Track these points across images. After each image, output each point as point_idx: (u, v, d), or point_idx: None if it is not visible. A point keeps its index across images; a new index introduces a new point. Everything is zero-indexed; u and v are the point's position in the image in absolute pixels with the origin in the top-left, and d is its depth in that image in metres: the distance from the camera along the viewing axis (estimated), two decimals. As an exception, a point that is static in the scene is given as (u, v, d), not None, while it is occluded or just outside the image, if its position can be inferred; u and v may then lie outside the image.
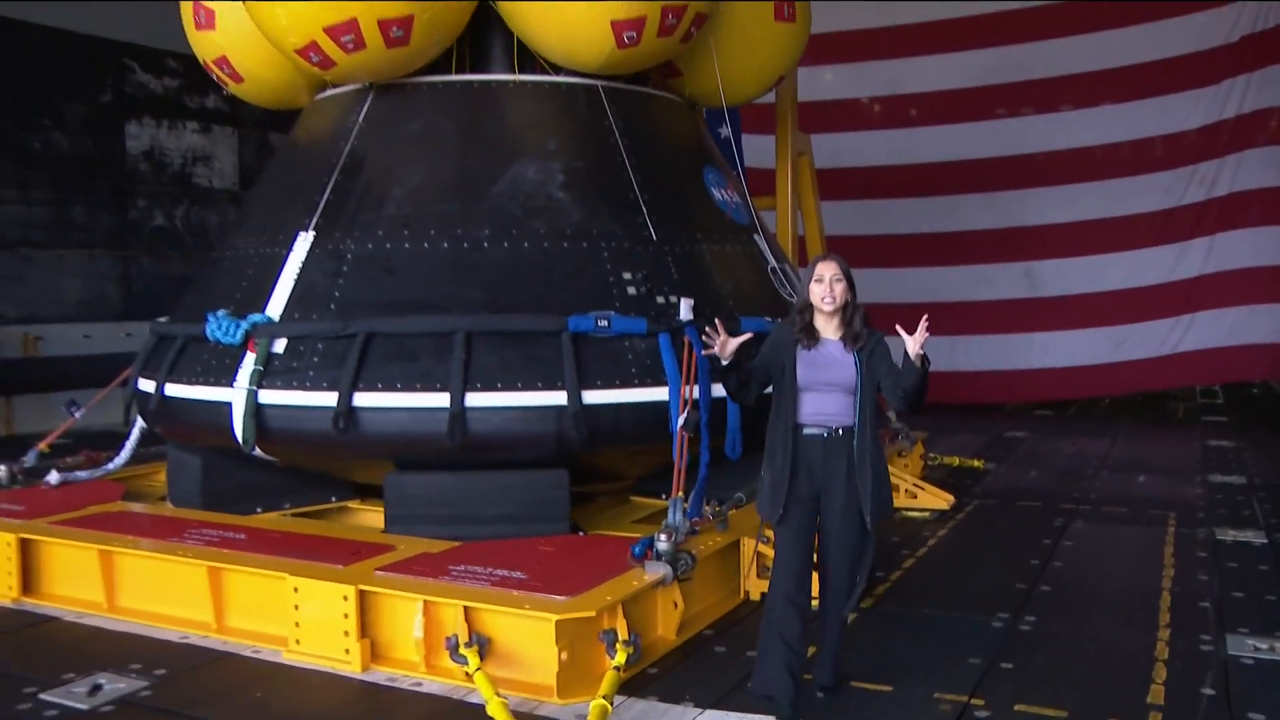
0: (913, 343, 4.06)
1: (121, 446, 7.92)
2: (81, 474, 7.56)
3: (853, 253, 13.13)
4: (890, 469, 7.87)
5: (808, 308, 4.31)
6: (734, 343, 4.22)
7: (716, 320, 4.49)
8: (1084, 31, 14.08)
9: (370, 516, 6.94)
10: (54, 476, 7.33)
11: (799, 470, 4.24)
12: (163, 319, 7.53)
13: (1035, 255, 14.47)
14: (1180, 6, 13.70)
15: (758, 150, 12.04)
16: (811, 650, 4.40)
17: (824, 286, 4.24)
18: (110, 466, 7.79)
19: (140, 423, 7.67)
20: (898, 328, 4.28)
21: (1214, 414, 14.50)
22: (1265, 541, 7.04)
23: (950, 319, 14.61)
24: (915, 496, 8.10)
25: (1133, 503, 8.36)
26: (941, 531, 7.43)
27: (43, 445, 7.89)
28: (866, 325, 4.28)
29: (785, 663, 4.12)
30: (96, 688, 4.64)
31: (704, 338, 4.30)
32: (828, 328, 4.29)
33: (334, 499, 7.07)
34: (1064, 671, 4.66)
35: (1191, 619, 5.39)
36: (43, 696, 4.53)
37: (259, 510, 6.71)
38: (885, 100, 15.31)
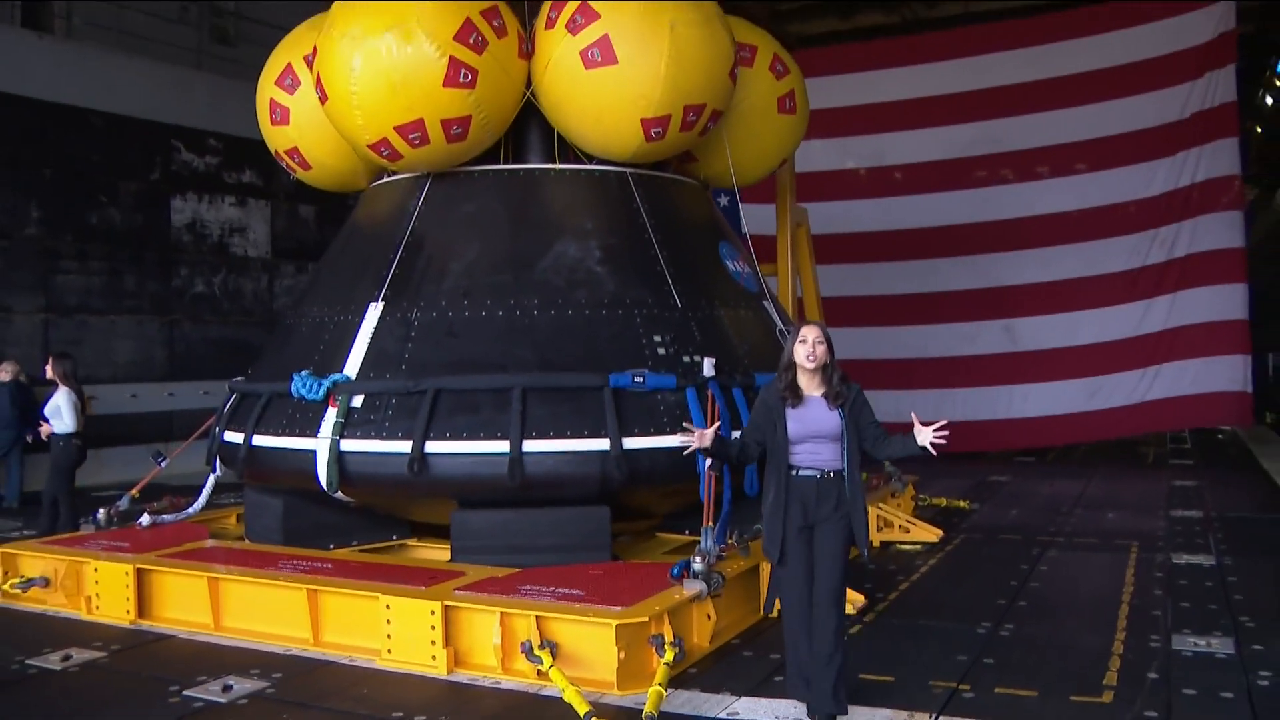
0: (924, 436, 4.78)
1: (199, 493, 8.83)
2: (167, 517, 8.48)
3: (846, 312, 14.35)
4: (884, 508, 8.96)
5: (791, 366, 4.88)
6: (709, 433, 4.94)
7: (684, 424, 5.35)
8: (1053, 108, 15.28)
9: (426, 552, 7.88)
10: (145, 519, 8.25)
11: (792, 508, 4.82)
12: (239, 379, 8.50)
13: (1014, 313, 15.52)
14: (1141, 84, 14.90)
15: (756, 218, 13.08)
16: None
17: (807, 347, 4.81)
18: (190, 510, 8.69)
19: (216, 471, 8.58)
20: (913, 416, 4.97)
21: (1181, 458, 15.55)
22: (1214, 563, 8.02)
23: (936, 373, 15.73)
24: (908, 531, 9.07)
25: (1101, 534, 9.36)
26: (932, 561, 8.40)
27: (133, 492, 8.80)
28: (844, 381, 4.89)
29: (804, 676, 4.85)
30: (228, 687, 5.56)
31: (682, 436, 4.97)
32: (810, 384, 4.87)
33: (394, 537, 8.01)
34: (1036, 664, 5.62)
35: (1144, 623, 6.36)
36: (186, 693, 5.45)
37: (332, 546, 7.63)
38: (873, 171, 16.46)
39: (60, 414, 9.53)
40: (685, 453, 5.33)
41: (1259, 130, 29.36)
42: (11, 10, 14.91)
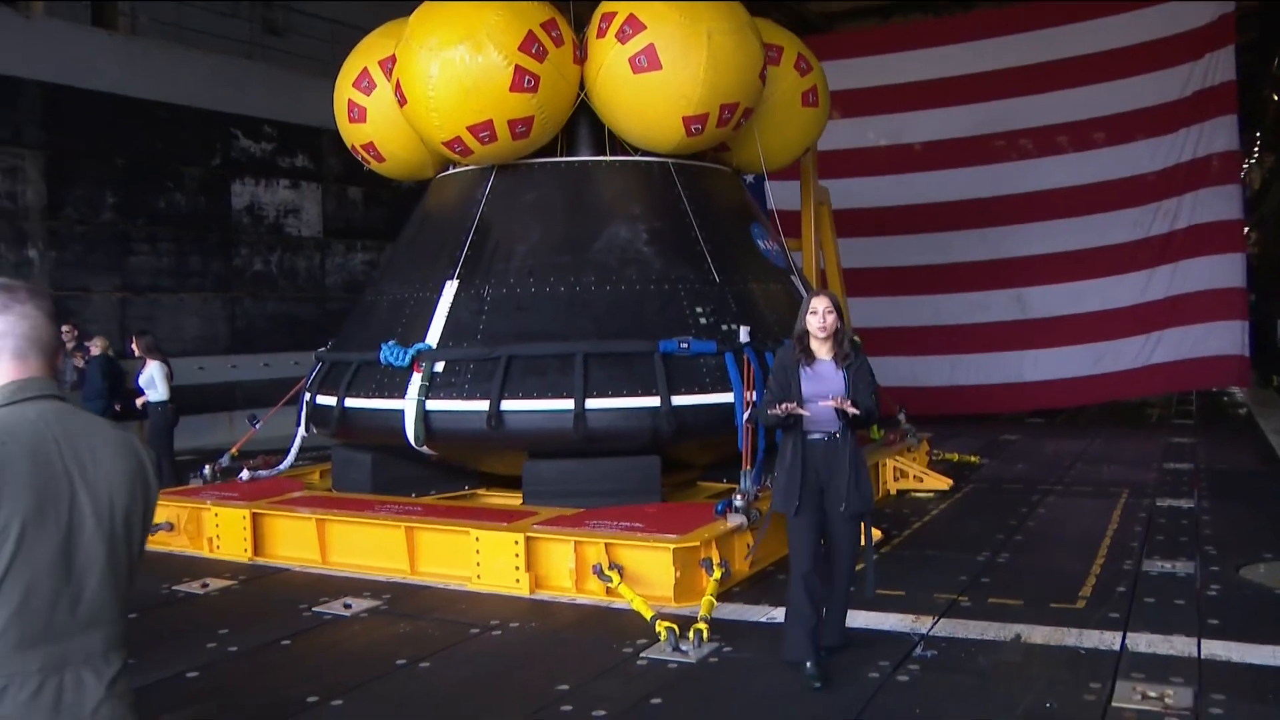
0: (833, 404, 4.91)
1: (288, 451, 9.94)
2: (263, 472, 9.60)
3: (867, 283, 15.38)
4: (901, 459, 9.95)
5: (805, 334, 5.16)
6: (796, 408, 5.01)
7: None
8: (1060, 88, 16.15)
9: (495, 499, 8.95)
10: (245, 474, 9.39)
11: (807, 469, 5.07)
12: (323, 349, 9.59)
13: (1024, 282, 16.46)
14: (1144, 65, 15.76)
15: (782, 193, 14.04)
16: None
17: (819, 317, 5.09)
18: (282, 466, 9.80)
19: (307, 432, 9.68)
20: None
21: (1183, 419, 16.50)
22: (1192, 505, 9.05)
23: (950, 340, 16.71)
24: (921, 480, 10.12)
25: (1097, 483, 10.38)
26: (943, 505, 9.45)
27: (233, 450, 9.93)
28: (852, 346, 5.20)
29: (807, 633, 4.99)
30: (348, 605, 6.68)
31: (782, 409, 5.00)
32: (821, 349, 5.15)
33: (466, 487, 9.11)
34: (1025, 581, 6.67)
35: (1121, 552, 7.41)
36: (314, 609, 6.56)
37: (414, 495, 8.72)
38: (891, 149, 17.38)
39: (154, 384, 10.69)
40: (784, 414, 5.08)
41: (1276, 99, 29.99)
42: (81, 10, 15.99)
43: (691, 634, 5.50)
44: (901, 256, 17.08)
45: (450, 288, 8.58)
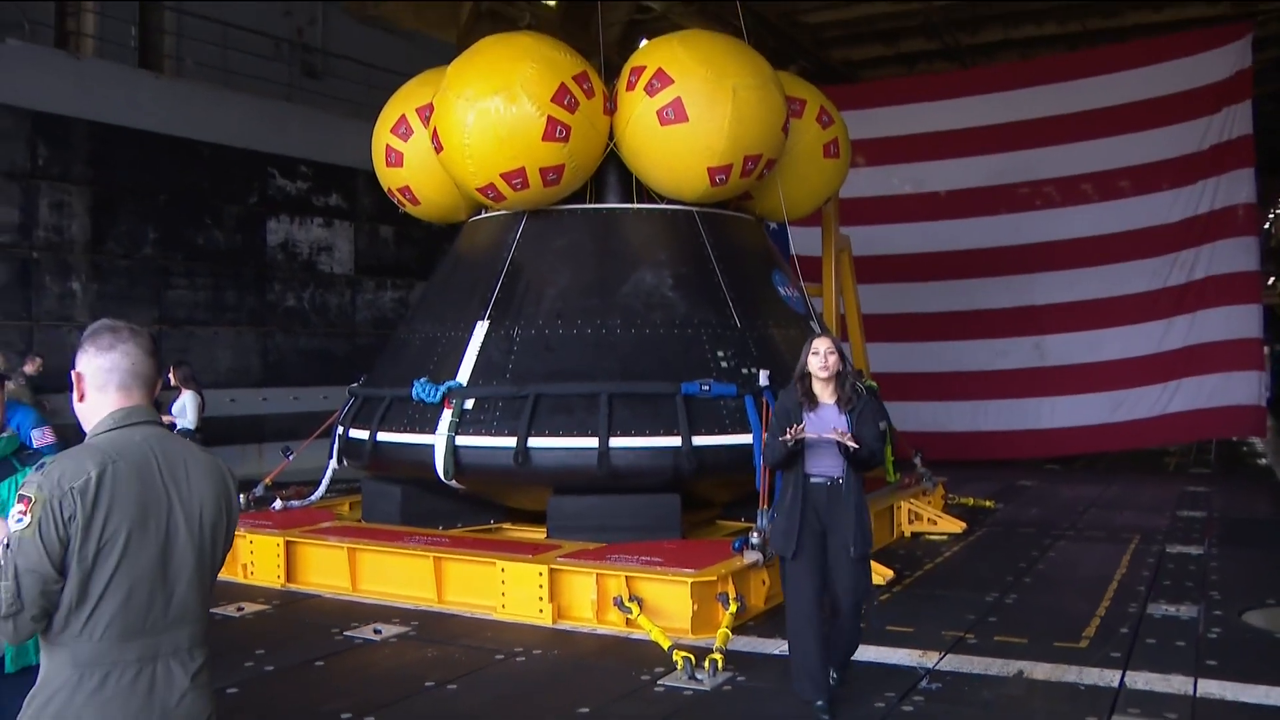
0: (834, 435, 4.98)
1: (319, 483, 10.25)
2: (295, 502, 9.92)
3: (887, 329, 15.73)
4: (915, 503, 10.17)
5: (806, 375, 5.19)
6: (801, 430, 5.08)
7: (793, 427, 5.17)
8: (1080, 139, 16.44)
9: (520, 533, 9.22)
10: (278, 503, 9.71)
11: (807, 512, 5.09)
12: (356, 385, 9.93)
13: (1044, 330, 16.66)
14: (1162, 118, 16.04)
15: (804, 239, 14.34)
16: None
17: (820, 358, 5.12)
18: (313, 497, 10.12)
19: (339, 464, 9.99)
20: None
21: (1201, 467, 16.62)
22: (1202, 552, 9.22)
23: (971, 385, 16.93)
24: (935, 523, 10.33)
25: (1109, 529, 10.56)
26: (955, 548, 9.67)
27: (267, 480, 10.25)
28: (855, 390, 5.18)
29: (810, 673, 5.09)
30: (378, 630, 6.96)
31: (789, 434, 5.04)
32: (824, 392, 5.17)
33: (492, 521, 9.39)
34: (1031, 621, 6.89)
35: (1128, 595, 7.61)
36: (346, 633, 6.85)
37: (441, 527, 9.01)
38: (913, 197, 17.70)
39: (185, 412, 11.05)
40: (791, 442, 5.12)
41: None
42: (129, 53, 16.59)
43: (707, 663, 5.76)
44: (923, 303, 17.34)
45: (481, 328, 8.91)
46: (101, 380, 2.52)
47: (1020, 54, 22.91)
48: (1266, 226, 42.84)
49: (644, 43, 21.91)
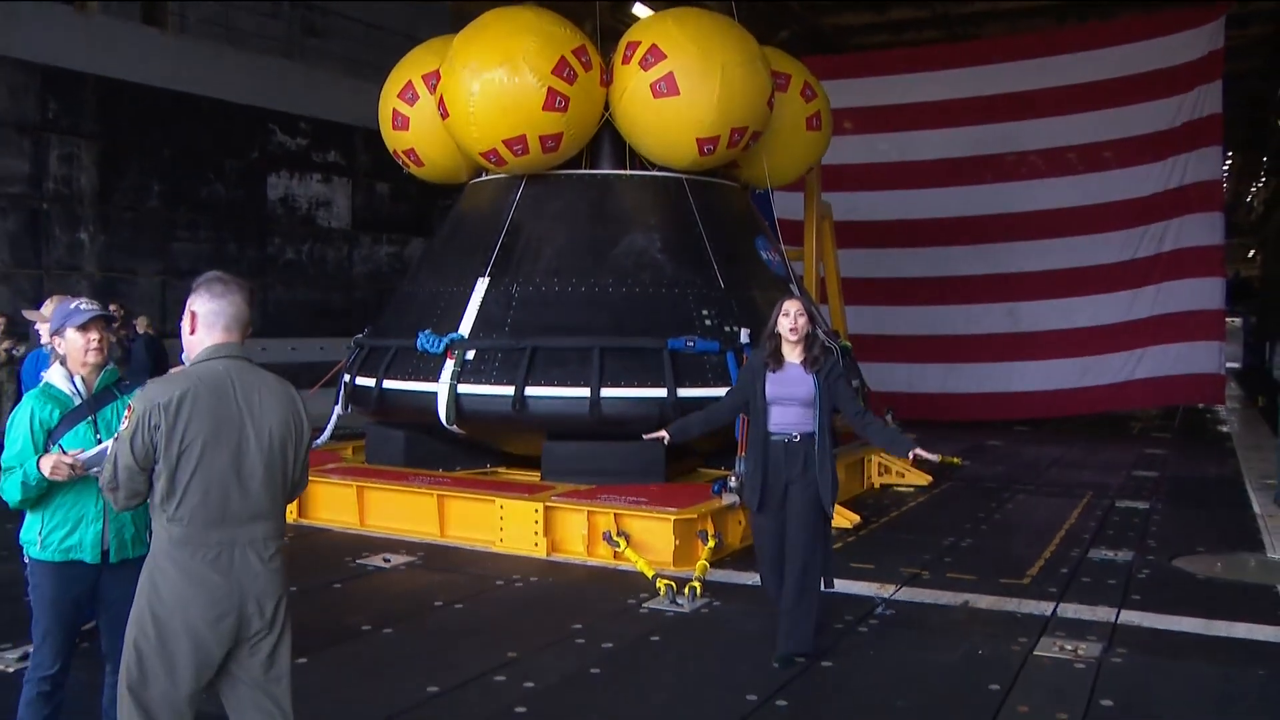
0: (914, 449, 5.32)
1: (325, 428, 10.85)
2: (303, 446, 10.51)
3: (866, 292, 16.37)
4: (884, 456, 10.82)
5: (775, 336, 5.25)
6: (662, 434, 5.72)
7: (660, 433, 5.84)
8: (1056, 114, 17.04)
9: (516, 476, 9.86)
10: (287, 446, 10.31)
11: (769, 466, 5.22)
12: (360, 335, 10.52)
13: (1016, 297, 17.33)
14: (1137, 95, 16.63)
15: (788, 204, 14.92)
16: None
17: (790, 320, 5.19)
18: (319, 441, 10.71)
19: (345, 410, 10.58)
20: (918, 450, 5.36)
21: (1162, 431, 17.38)
22: (1147, 506, 9.94)
23: (945, 349, 17.62)
24: (903, 476, 11.03)
25: (1065, 485, 11.28)
26: (920, 499, 10.38)
27: (275, 425, 10.83)
28: (824, 350, 5.30)
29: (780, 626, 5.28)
30: (387, 559, 7.62)
31: (648, 437, 5.84)
32: (792, 353, 5.24)
33: (489, 465, 10.03)
34: (982, 561, 7.60)
35: (1073, 541, 8.32)
36: (358, 562, 7.50)
37: (441, 470, 9.64)
38: (894, 165, 18.26)
39: (188, 357, 11.58)
40: (647, 437, 6.03)
41: (1280, 124, 30.80)
42: (134, 9, 16.96)
43: (687, 590, 6.44)
44: (902, 268, 17.95)
45: (482, 284, 9.51)
46: (211, 320, 3.14)
47: (1007, 24, 23.41)
48: (1248, 199, 43.64)
49: (638, 7, 22.40)
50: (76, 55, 15.16)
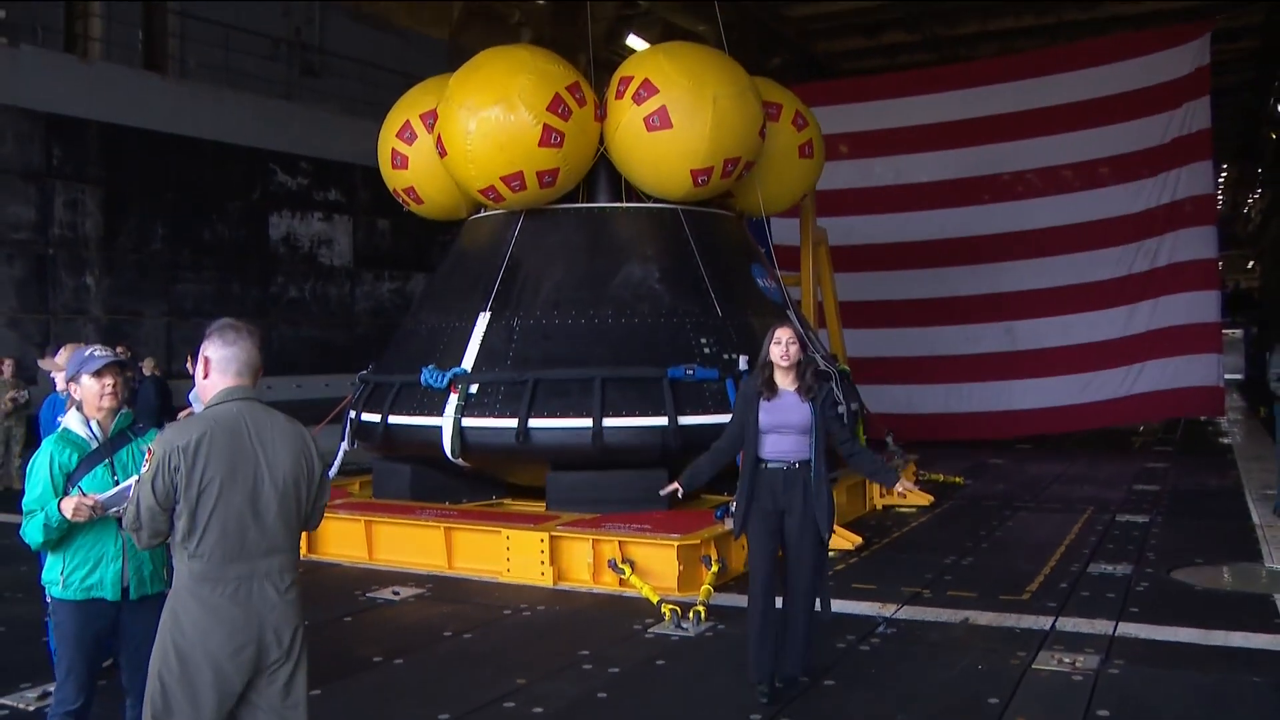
0: (902, 483, 5.53)
1: (331, 463, 10.97)
2: (311, 482, 10.64)
3: (865, 315, 16.55)
4: (886, 476, 10.88)
5: (768, 364, 5.21)
6: (675, 486, 5.62)
7: (673, 486, 5.72)
8: (1047, 133, 17.23)
9: (521, 507, 9.98)
10: (295, 483, 10.44)
11: (761, 495, 5.13)
12: (365, 372, 10.67)
13: (1014, 315, 17.44)
14: (1126, 113, 16.83)
15: (784, 230, 15.06)
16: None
17: (781, 347, 5.15)
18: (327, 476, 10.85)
19: (351, 445, 10.72)
20: (903, 484, 5.59)
21: (1164, 445, 17.47)
22: (1147, 521, 10.04)
23: (944, 369, 17.74)
24: (904, 496, 11.10)
25: (1067, 501, 11.39)
26: (922, 518, 10.49)
27: (283, 462, 10.97)
28: (816, 378, 5.26)
29: (756, 655, 5.16)
30: (396, 592, 7.73)
31: (663, 492, 5.75)
32: (785, 380, 5.20)
33: (494, 496, 10.14)
34: (982, 578, 7.70)
35: (1073, 557, 8.43)
36: (368, 595, 7.62)
37: (448, 502, 9.75)
38: (889, 189, 18.45)
39: (198, 401, 11.74)
40: (663, 493, 5.96)
41: (1275, 136, 31.08)
42: (134, 55, 17.25)
43: (691, 614, 6.56)
44: (899, 290, 18.10)
45: (483, 318, 9.66)
46: (224, 366, 3.29)
47: (998, 45, 23.70)
48: (1245, 210, 43.84)
49: (632, 39, 22.65)
50: (80, 102, 15.43)
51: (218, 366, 3.32)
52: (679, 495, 5.71)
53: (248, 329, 3.37)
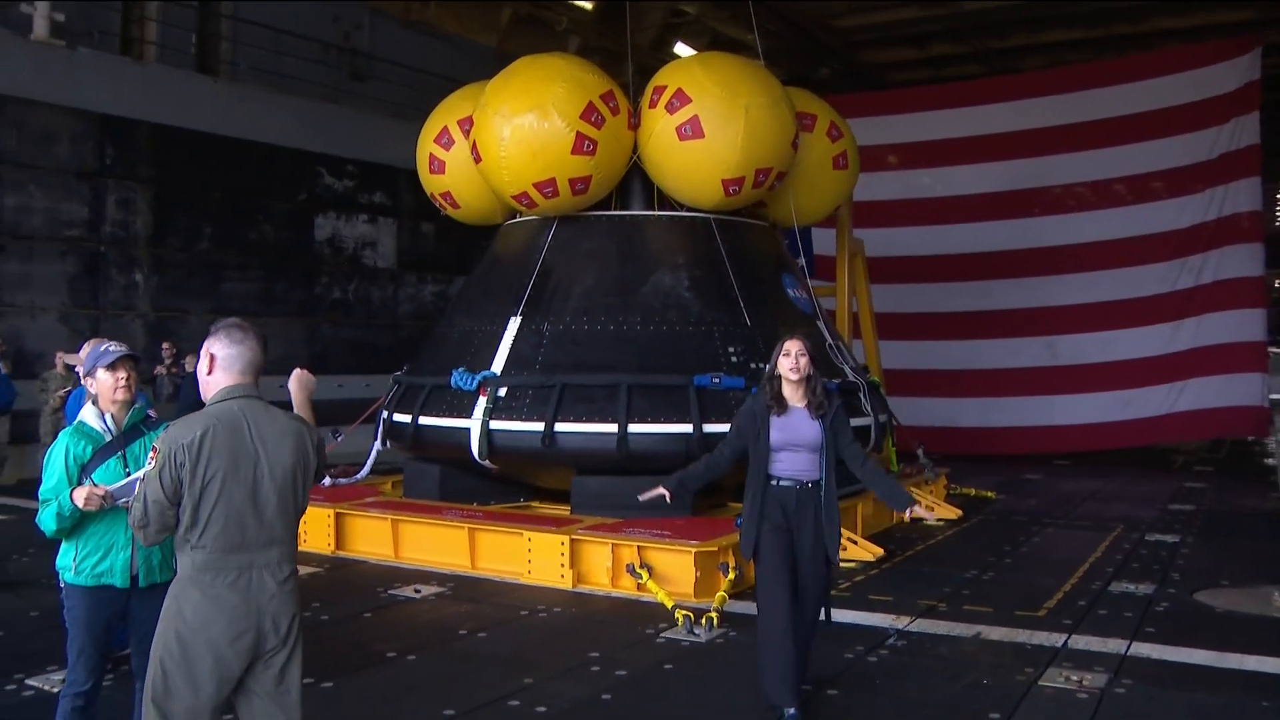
0: (914, 508, 5.12)
1: (365, 463, 11.15)
2: (343, 480, 10.84)
3: (905, 327, 16.49)
4: (915, 490, 10.91)
5: (776, 378, 5.03)
6: (660, 490, 5.35)
7: (657, 490, 5.46)
8: (1092, 147, 17.08)
9: (547, 509, 10.08)
10: (327, 480, 10.62)
11: (771, 515, 4.95)
12: (399, 373, 10.83)
13: (1056, 330, 17.31)
14: (1174, 127, 16.65)
15: (825, 240, 15.06)
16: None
17: (791, 360, 4.98)
18: (360, 475, 11.03)
19: (384, 445, 10.89)
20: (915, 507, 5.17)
21: (1205, 465, 17.22)
22: (1177, 541, 9.93)
23: (984, 383, 17.63)
24: (933, 510, 11.01)
25: (1098, 519, 11.27)
26: (948, 532, 10.44)
27: (316, 460, 11.16)
28: (826, 394, 5.08)
29: (782, 676, 4.83)
30: (418, 590, 7.85)
31: (644, 497, 5.43)
32: (794, 395, 5.02)
33: (521, 499, 10.26)
34: (1000, 594, 7.67)
35: (1095, 575, 8.36)
36: (389, 592, 7.75)
37: (475, 504, 9.88)
38: (931, 201, 18.40)
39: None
40: (642, 499, 5.59)
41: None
42: (187, 58, 17.63)
43: (704, 620, 6.61)
44: (940, 303, 18.02)
45: (514, 323, 9.79)
46: (228, 364, 3.42)
47: (1047, 58, 23.50)
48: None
49: (679, 46, 22.74)
50: (133, 103, 15.77)
51: (222, 364, 3.44)
52: (666, 500, 5.42)
53: (254, 329, 3.49)
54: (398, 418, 10.21)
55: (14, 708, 5.15)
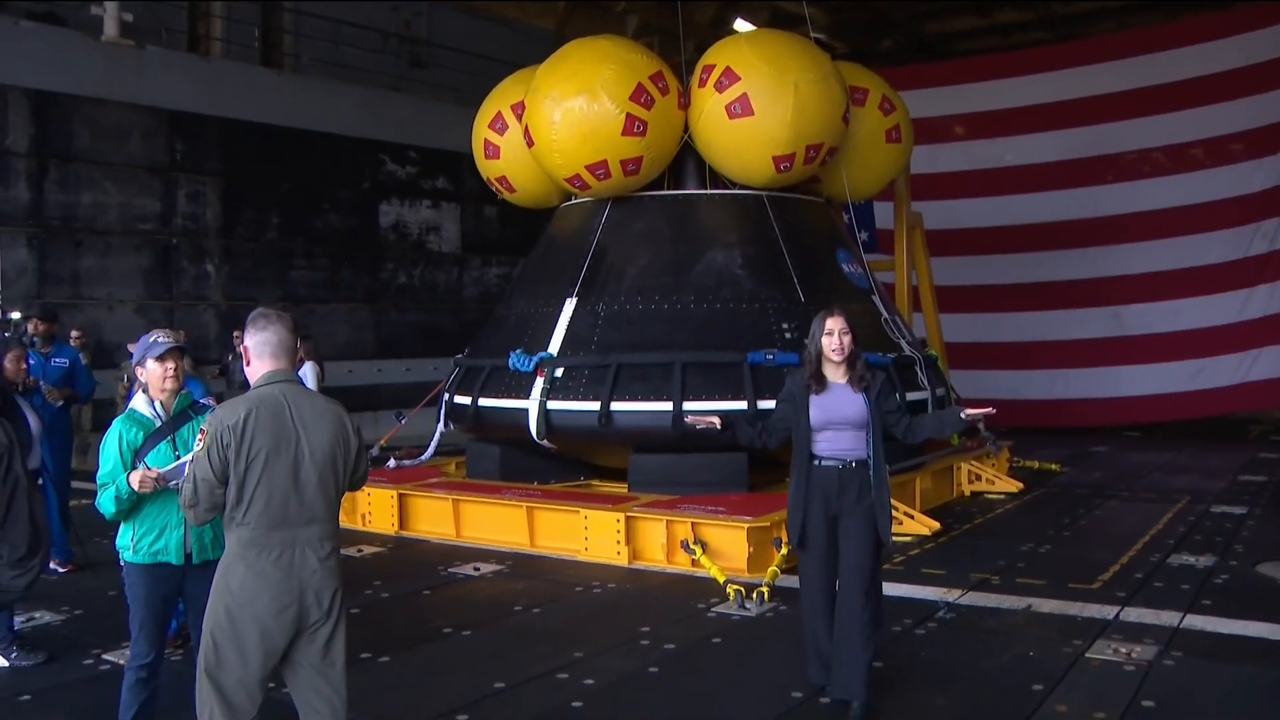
0: (967, 411, 4.94)
1: (429, 445, 11.39)
2: (407, 461, 11.08)
3: (968, 300, 16.31)
4: (975, 464, 10.84)
5: (818, 356, 4.84)
6: (713, 419, 5.30)
7: (712, 418, 5.48)
8: (1160, 112, 16.70)
9: (606, 487, 10.21)
10: (392, 462, 10.89)
11: (815, 497, 4.76)
12: (460, 356, 11.03)
13: (1122, 300, 16.99)
14: (1244, 88, 16.20)
15: (884, 213, 14.91)
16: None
17: (834, 339, 4.78)
18: (424, 457, 11.27)
19: (441, 428, 11.11)
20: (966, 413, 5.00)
21: (1281, 435, 16.85)
22: (1244, 512, 9.76)
23: (1050, 355, 17.39)
24: (994, 483, 11.03)
25: (1163, 491, 11.11)
26: (1009, 505, 10.38)
27: (381, 442, 11.46)
28: (868, 368, 4.89)
29: (820, 656, 4.86)
30: (477, 568, 8.05)
31: (698, 422, 5.35)
32: (835, 374, 4.82)
33: (581, 478, 10.40)
34: (1055, 567, 7.63)
35: (1155, 547, 8.28)
36: (449, 570, 7.94)
37: (535, 483, 10.04)
38: (993, 171, 18.14)
39: (305, 380, 12.29)
40: (698, 428, 5.51)
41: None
42: (252, 52, 18.02)
43: (754, 595, 6.69)
44: (1004, 274, 17.80)
45: (570, 304, 9.92)
46: (259, 351, 3.60)
47: (1116, 22, 22.92)
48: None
49: (739, 23, 22.66)
50: (201, 99, 16.17)
51: (255, 352, 3.61)
52: (717, 427, 5.36)
53: (278, 315, 3.65)
54: (458, 400, 10.41)
55: (90, 680, 5.44)
